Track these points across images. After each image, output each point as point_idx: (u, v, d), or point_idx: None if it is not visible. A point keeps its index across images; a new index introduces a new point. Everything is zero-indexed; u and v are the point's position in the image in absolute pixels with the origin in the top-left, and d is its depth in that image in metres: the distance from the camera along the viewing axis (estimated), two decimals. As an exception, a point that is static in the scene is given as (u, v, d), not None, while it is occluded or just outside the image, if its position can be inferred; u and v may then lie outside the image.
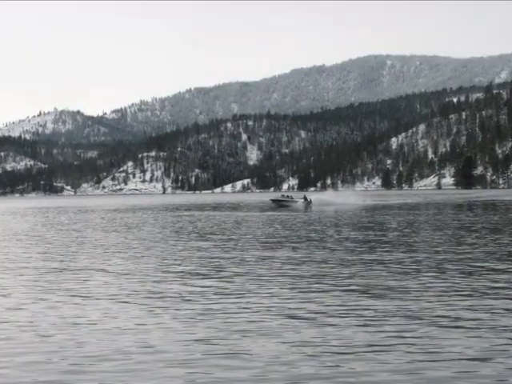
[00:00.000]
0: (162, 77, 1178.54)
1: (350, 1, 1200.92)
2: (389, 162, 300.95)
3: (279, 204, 69.72)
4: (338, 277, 15.22)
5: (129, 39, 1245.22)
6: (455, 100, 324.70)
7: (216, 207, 76.28)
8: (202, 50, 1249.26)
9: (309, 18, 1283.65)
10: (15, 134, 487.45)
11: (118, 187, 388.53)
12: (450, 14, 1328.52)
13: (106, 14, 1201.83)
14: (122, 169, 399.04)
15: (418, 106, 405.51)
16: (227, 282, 14.94)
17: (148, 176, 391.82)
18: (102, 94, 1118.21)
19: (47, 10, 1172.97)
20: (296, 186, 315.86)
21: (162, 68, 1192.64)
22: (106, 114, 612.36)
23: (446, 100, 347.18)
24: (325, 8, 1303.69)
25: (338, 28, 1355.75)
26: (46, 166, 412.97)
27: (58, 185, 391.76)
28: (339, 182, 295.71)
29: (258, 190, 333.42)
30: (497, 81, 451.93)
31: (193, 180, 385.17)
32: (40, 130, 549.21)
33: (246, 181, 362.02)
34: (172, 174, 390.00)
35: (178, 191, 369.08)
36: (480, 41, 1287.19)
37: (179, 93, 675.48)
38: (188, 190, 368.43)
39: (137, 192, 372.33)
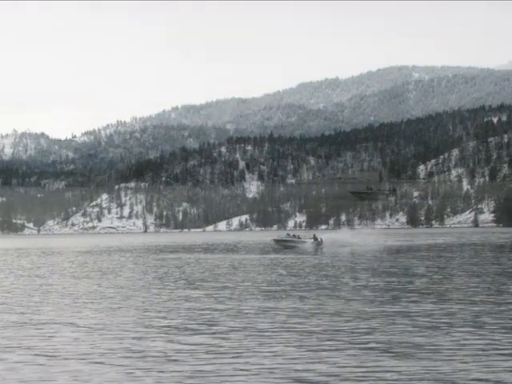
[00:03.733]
0: (143, 92, 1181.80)
1: (368, 1, 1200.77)
2: (415, 194, 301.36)
3: (284, 245, 69.68)
4: (354, 332, 15.24)
5: (102, 47, 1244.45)
6: (495, 120, 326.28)
7: (208, 249, 76.21)
8: (191, 60, 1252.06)
9: (319, 21, 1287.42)
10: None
11: (91, 225, 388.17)
12: (489, 17, 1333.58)
13: (73, 17, 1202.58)
14: (94, 203, 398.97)
15: (451, 128, 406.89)
16: (221, 338, 14.95)
17: (126, 211, 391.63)
18: (71, 113, 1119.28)
19: (5, 17, 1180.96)
20: (304, 224, 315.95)
21: (142, 82, 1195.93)
22: (75, 136, 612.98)
23: (485, 120, 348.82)
24: (338, 10, 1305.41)
25: (354, 34, 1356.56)
26: (4, 199, 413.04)
27: (18, 222, 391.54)
28: (356, 218, 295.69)
29: (258, 228, 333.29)
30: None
31: (180, 216, 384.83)
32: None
33: (243, 217, 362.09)
34: (155, 209, 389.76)
35: (163, 229, 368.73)
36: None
37: (163, 111, 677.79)
38: (174, 229, 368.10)
39: (113, 230, 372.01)
